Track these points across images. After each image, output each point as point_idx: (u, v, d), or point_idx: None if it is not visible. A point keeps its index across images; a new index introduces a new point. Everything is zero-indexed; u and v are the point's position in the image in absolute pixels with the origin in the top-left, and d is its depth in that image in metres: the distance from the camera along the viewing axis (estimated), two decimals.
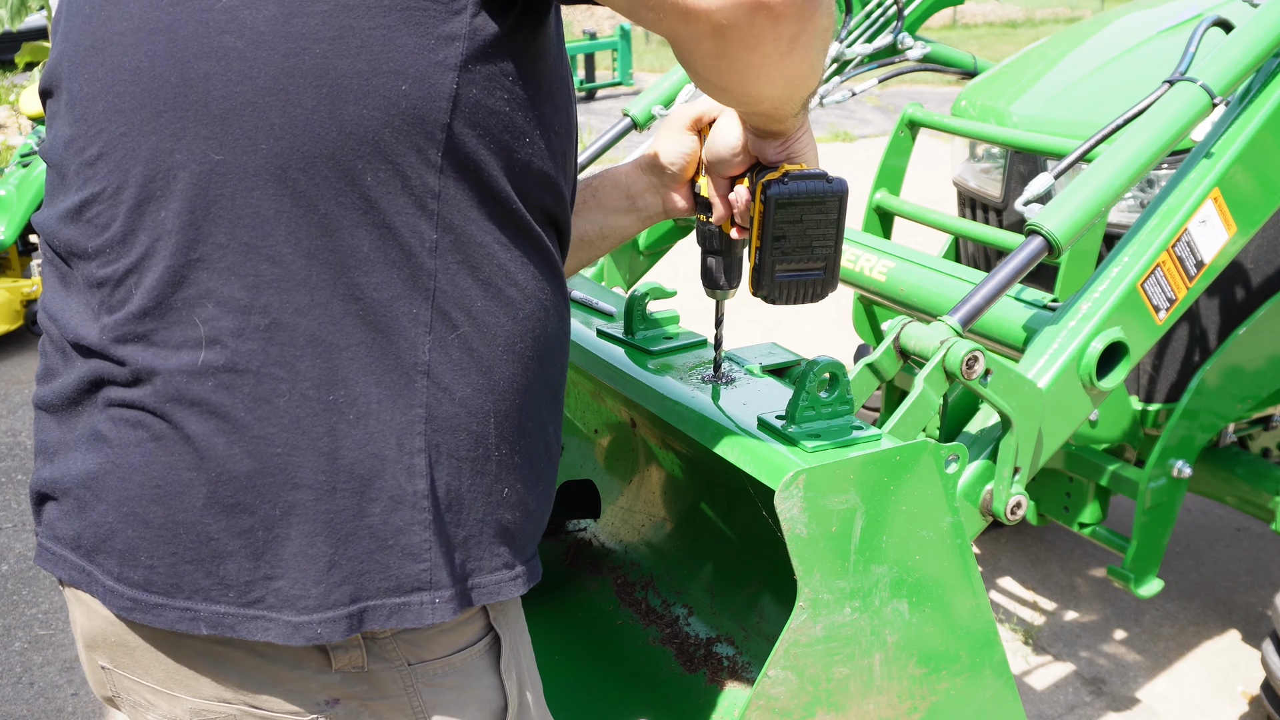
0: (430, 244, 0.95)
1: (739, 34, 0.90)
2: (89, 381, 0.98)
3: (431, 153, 0.94)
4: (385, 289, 0.94)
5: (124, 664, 1.04)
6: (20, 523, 3.66)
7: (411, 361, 0.95)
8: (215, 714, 1.02)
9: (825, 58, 1.03)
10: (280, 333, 0.93)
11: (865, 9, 2.52)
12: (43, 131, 5.42)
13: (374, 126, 0.92)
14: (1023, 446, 1.45)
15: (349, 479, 0.94)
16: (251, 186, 0.92)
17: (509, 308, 1.00)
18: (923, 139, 2.86)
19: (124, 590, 0.96)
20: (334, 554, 0.94)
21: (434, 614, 0.98)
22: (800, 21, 0.92)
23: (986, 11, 19.34)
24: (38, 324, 1.06)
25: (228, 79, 0.91)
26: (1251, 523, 3.56)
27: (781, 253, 1.15)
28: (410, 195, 0.94)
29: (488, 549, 1.02)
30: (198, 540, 0.94)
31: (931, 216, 2.52)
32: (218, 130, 0.92)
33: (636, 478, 1.69)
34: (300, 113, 0.91)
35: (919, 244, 2.55)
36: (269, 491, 0.93)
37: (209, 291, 0.93)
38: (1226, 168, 1.65)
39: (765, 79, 0.98)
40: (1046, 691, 2.84)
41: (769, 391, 1.34)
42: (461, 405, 0.98)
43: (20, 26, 8.41)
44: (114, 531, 0.96)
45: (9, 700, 2.82)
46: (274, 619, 0.95)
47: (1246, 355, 2.36)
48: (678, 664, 1.50)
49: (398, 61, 0.91)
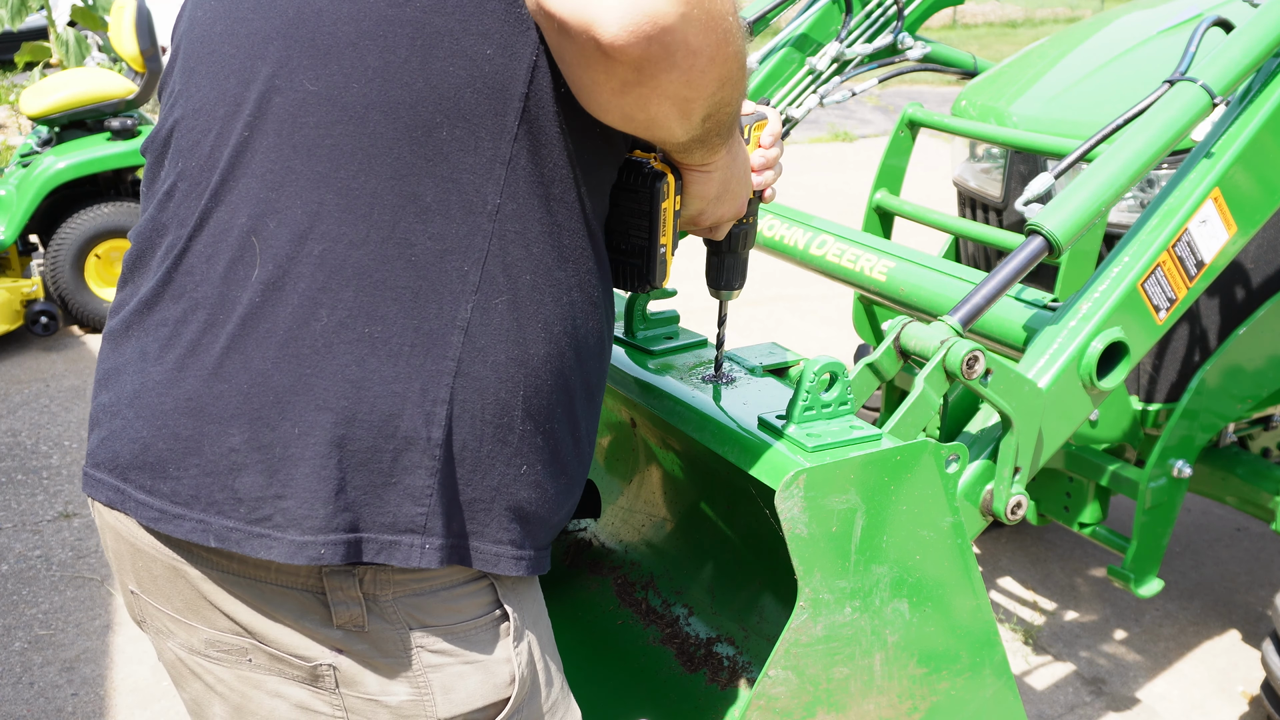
0: (492, 208, 0.99)
1: (571, 43, 0.92)
2: (146, 301, 1.03)
3: (509, 119, 0.98)
4: (440, 240, 0.98)
5: (149, 590, 1.09)
6: (20, 522, 3.67)
7: (452, 315, 0.99)
8: (228, 646, 1.06)
9: (686, 123, 1.01)
10: (331, 260, 0.97)
11: (865, 9, 2.53)
12: (43, 131, 5.43)
13: (457, 84, 0.97)
14: (1023, 446, 1.45)
15: (370, 411, 0.98)
16: (336, 120, 0.97)
17: (555, 290, 1.04)
18: (923, 139, 2.86)
19: (153, 502, 1.01)
20: (343, 479, 0.98)
21: (421, 558, 1.00)
22: (638, 74, 0.92)
23: (986, 11, 19.34)
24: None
25: (336, 18, 0.97)
26: (1251, 523, 3.56)
27: (608, 234, 1.16)
28: (482, 157, 0.98)
29: (496, 519, 1.04)
30: (219, 452, 0.98)
31: (931, 216, 2.52)
32: (318, 63, 0.97)
33: (636, 478, 1.69)
34: (394, 60, 0.96)
35: (919, 244, 2.55)
36: (293, 409, 0.97)
37: (274, 211, 0.98)
38: (1227, 168, 1.65)
39: (595, 105, 0.99)
40: (1046, 691, 2.84)
41: (769, 391, 1.34)
42: (493, 370, 1.01)
43: (20, 26, 8.41)
44: (148, 445, 1.01)
45: (9, 700, 2.82)
46: (278, 538, 0.98)
47: (1246, 355, 2.36)
48: (678, 664, 1.50)
49: (485, 25, 0.96)
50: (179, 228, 1.02)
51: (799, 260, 2.26)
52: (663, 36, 0.89)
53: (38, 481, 3.95)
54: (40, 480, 3.96)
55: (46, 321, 5.11)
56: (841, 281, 2.18)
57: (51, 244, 5.12)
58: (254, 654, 1.05)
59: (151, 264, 1.05)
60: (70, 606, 3.21)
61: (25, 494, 3.85)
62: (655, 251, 1.16)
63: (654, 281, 1.17)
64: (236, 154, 0.99)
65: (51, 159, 5.03)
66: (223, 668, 1.07)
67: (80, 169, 5.02)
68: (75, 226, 5.10)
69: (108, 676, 2.92)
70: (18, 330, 5.15)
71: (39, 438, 4.28)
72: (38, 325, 5.10)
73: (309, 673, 1.04)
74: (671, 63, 0.91)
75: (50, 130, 5.21)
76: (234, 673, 1.07)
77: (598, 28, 0.88)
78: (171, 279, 1.02)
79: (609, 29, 0.88)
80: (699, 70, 0.93)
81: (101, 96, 5.08)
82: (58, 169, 5.00)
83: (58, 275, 5.12)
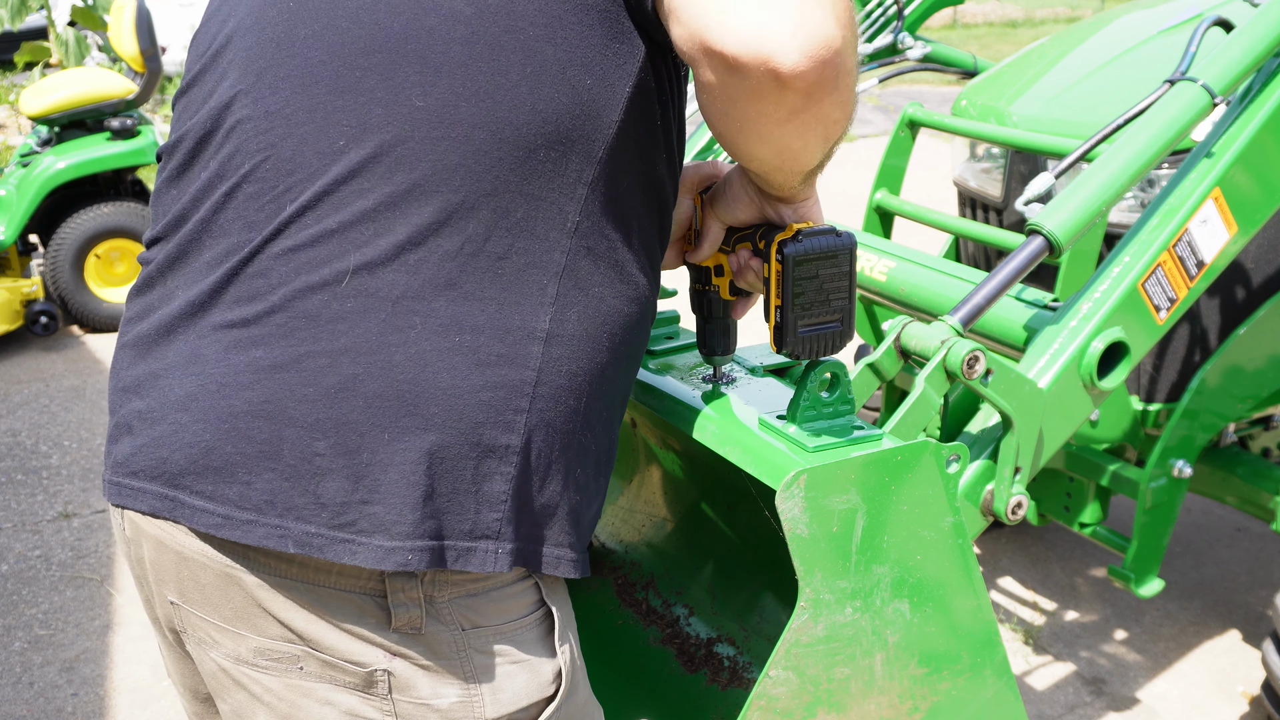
0: (572, 225, 1.04)
1: (746, 81, 0.94)
2: (196, 304, 1.02)
3: (597, 146, 1.03)
4: (525, 255, 1.02)
5: (194, 600, 1.07)
6: (20, 523, 3.66)
7: (533, 327, 1.02)
8: (279, 654, 1.05)
9: (828, 146, 1.05)
10: (427, 270, 0.99)
11: (865, 9, 2.52)
12: (43, 131, 5.42)
13: (559, 111, 1.00)
14: (1023, 446, 1.45)
15: (459, 419, 0.99)
16: (441, 137, 0.99)
17: (618, 301, 1.09)
18: (923, 139, 2.86)
19: (214, 508, 1.00)
20: (431, 486, 0.99)
21: (494, 563, 1.02)
22: (806, 99, 0.94)
23: (986, 11, 19.33)
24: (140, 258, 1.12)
25: (450, 38, 0.99)
26: (1251, 523, 3.56)
27: (802, 309, 1.17)
28: (568, 178, 1.02)
29: (558, 522, 1.07)
30: (301, 457, 0.98)
31: (931, 216, 2.51)
32: (428, 79, 0.99)
33: (636, 478, 1.69)
34: (505, 83, 0.99)
35: (919, 244, 2.55)
36: (385, 416, 0.98)
37: (371, 220, 0.99)
38: (1227, 167, 1.65)
39: (756, 138, 1.02)
40: (1046, 691, 2.84)
41: (770, 391, 1.34)
42: (568, 379, 1.04)
43: (20, 26, 8.41)
44: (211, 448, 0.99)
45: (9, 700, 2.82)
46: (363, 543, 0.98)
47: (1247, 355, 2.36)
48: (678, 664, 1.50)
49: (589, 57, 1.01)
50: (246, 230, 1.01)
51: None
52: (834, 60, 0.92)
53: (38, 481, 3.95)
54: (40, 480, 3.96)
55: (46, 321, 5.11)
56: None
57: (51, 244, 5.12)
58: (306, 661, 1.04)
59: (198, 265, 1.04)
60: (70, 606, 3.21)
61: (25, 494, 3.85)
62: (854, 306, 1.20)
63: (852, 336, 1.20)
64: (327, 162, 1.00)
65: (51, 159, 5.03)
66: (271, 676, 1.06)
67: (80, 169, 5.02)
68: (75, 226, 5.10)
69: (108, 676, 2.92)
70: (18, 330, 5.15)
71: (39, 438, 4.28)
72: (38, 325, 5.10)
73: (363, 679, 1.04)
74: (835, 85, 0.94)
75: (50, 130, 5.21)
76: (283, 681, 1.05)
77: (778, 58, 0.90)
78: (235, 281, 1.01)
79: (789, 57, 0.90)
80: (848, 89, 0.97)
81: (101, 96, 5.08)
82: (58, 169, 5.00)
83: (58, 275, 5.12)
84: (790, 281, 1.15)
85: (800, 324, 1.17)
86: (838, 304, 1.18)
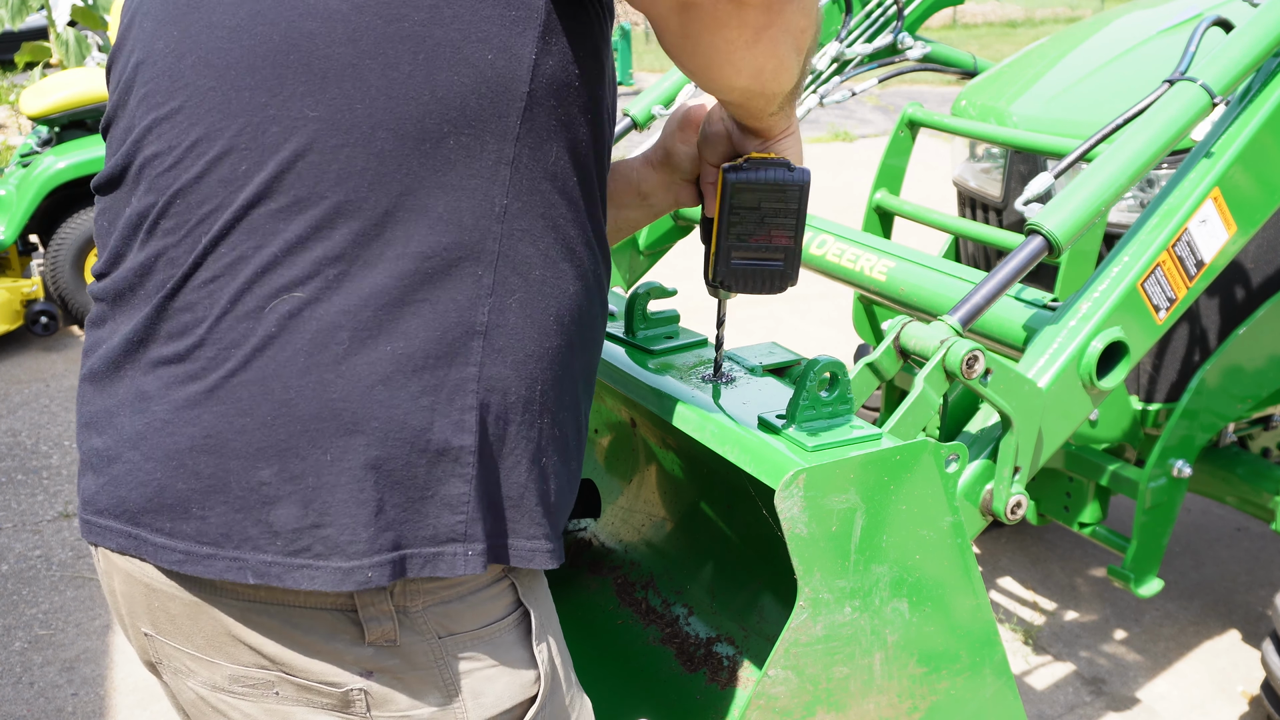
0: (500, 210, 1.00)
1: (702, 14, 0.93)
2: (134, 341, 1.01)
3: (511, 120, 0.99)
4: (453, 249, 0.98)
5: (166, 630, 1.06)
6: (20, 523, 3.66)
7: (470, 321, 0.99)
8: (254, 680, 1.04)
9: (800, 58, 1.03)
10: (348, 283, 0.96)
11: (865, 9, 2.52)
12: (43, 131, 5.42)
13: (462, 93, 0.97)
14: (1023, 446, 1.45)
15: (401, 428, 0.97)
16: (341, 144, 0.96)
17: (561, 281, 1.04)
18: (923, 139, 2.86)
19: (175, 544, 0.98)
20: (381, 499, 0.97)
21: (465, 565, 1.00)
22: (767, 13, 0.94)
23: (986, 11, 19.33)
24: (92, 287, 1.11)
25: (331, 40, 0.96)
26: (1251, 523, 3.56)
27: (738, 238, 1.13)
28: (487, 161, 0.98)
29: (528, 514, 1.04)
30: (248, 487, 0.96)
31: (931, 216, 2.52)
32: (316, 88, 0.96)
33: (636, 478, 1.69)
34: (397, 77, 0.95)
35: (919, 244, 2.55)
36: (322, 437, 0.96)
37: (284, 241, 0.96)
38: (1226, 167, 1.65)
39: (730, 67, 1.00)
40: (1046, 691, 2.84)
41: (769, 391, 1.34)
42: (514, 369, 1.01)
43: (20, 26, 8.41)
44: (164, 487, 0.98)
45: (9, 700, 2.82)
46: (320, 566, 0.97)
47: (1246, 355, 2.36)
48: (678, 664, 1.50)
49: (485, 31, 0.96)
50: (170, 266, 0.99)
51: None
52: None
53: (38, 481, 3.95)
54: (40, 480, 3.96)
55: (46, 321, 5.11)
56: (841, 281, 2.18)
57: (51, 244, 5.12)
58: (281, 686, 1.03)
59: (134, 301, 1.02)
60: (70, 606, 3.21)
61: (25, 494, 3.85)
62: (800, 247, 1.14)
63: (795, 280, 1.15)
64: (233, 188, 0.97)
65: (51, 159, 5.03)
66: (248, 702, 1.05)
67: (80, 169, 5.02)
68: (75, 226, 5.10)
69: (108, 676, 2.92)
70: (18, 330, 5.15)
71: (39, 438, 4.28)
72: (38, 325, 5.10)
73: (339, 699, 1.03)
74: None
75: (50, 130, 5.21)
76: (261, 706, 1.05)
77: None
78: (164, 316, 0.99)
79: None
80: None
81: (101, 96, 5.07)
82: (58, 169, 5.00)
83: (58, 275, 5.12)
84: (727, 208, 1.12)
85: (734, 254, 1.13)
86: (781, 242, 1.13)
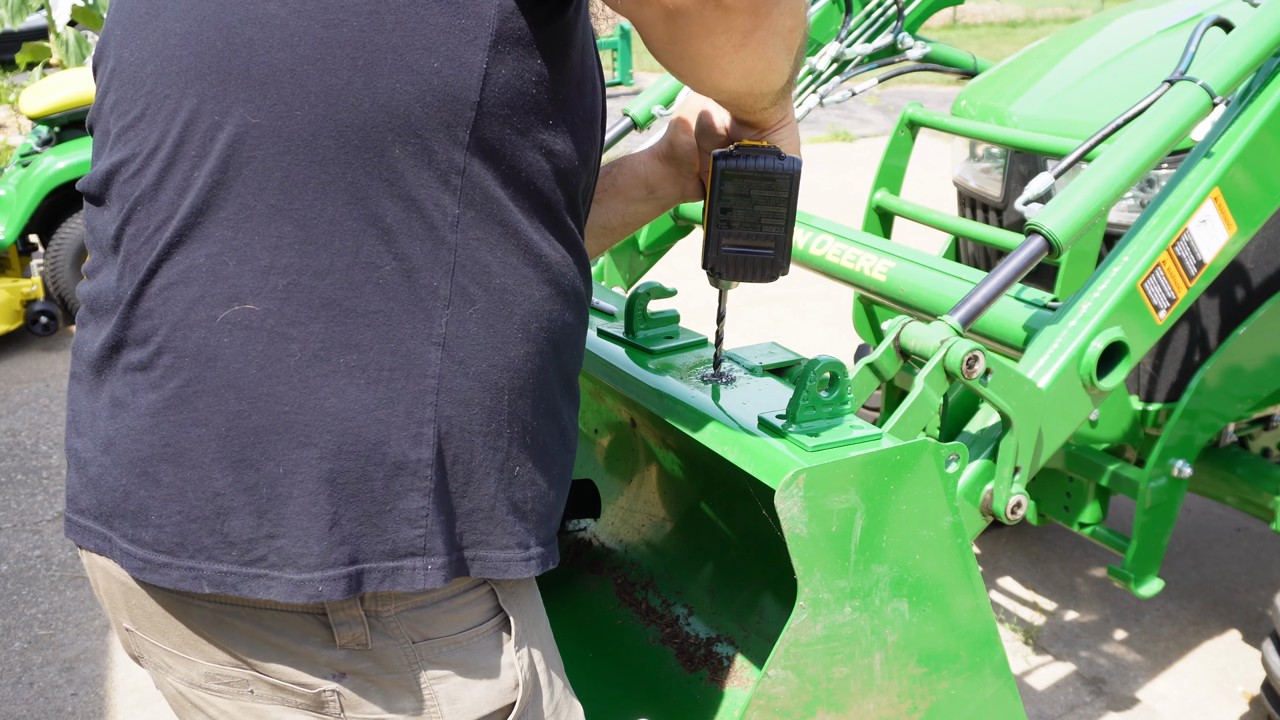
0: (452, 219, 0.98)
1: (689, 21, 0.93)
2: (109, 346, 1.01)
3: (460, 130, 0.96)
4: (406, 260, 0.96)
5: (144, 627, 1.07)
6: (20, 523, 3.66)
7: (427, 333, 0.97)
8: (229, 678, 1.04)
9: (791, 57, 1.03)
10: (298, 293, 0.95)
11: (865, 9, 2.52)
12: (43, 131, 5.42)
13: (406, 101, 0.94)
14: (1023, 446, 1.45)
15: (355, 441, 0.96)
16: (283, 151, 0.95)
17: (526, 288, 1.02)
18: (923, 139, 2.86)
19: (136, 551, 0.99)
20: (336, 513, 0.96)
21: (425, 579, 0.99)
22: (753, 17, 0.94)
23: (986, 11, 19.33)
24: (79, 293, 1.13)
25: (269, 45, 0.95)
26: (1251, 523, 3.56)
27: (728, 225, 1.13)
28: (436, 170, 0.96)
29: (499, 525, 1.03)
30: (204, 497, 0.96)
31: (931, 216, 2.52)
32: (256, 94, 0.95)
33: (636, 478, 1.69)
34: (336, 83, 0.94)
35: (919, 244, 2.55)
36: (275, 449, 0.95)
37: (232, 250, 0.95)
38: (1226, 167, 1.65)
39: (718, 70, 0.99)
40: (1046, 691, 2.84)
41: (769, 391, 1.34)
42: (476, 380, 1.00)
43: (20, 26, 8.41)
44: (128, 493, 0.99)
45: (9, 700, 2.82)
46: (275, 577, 0.97)
47: (1246, 355, 2.36)
48: (678, 664, 1.50)
49: (430, 39, 0.94)
50: (132, 274, 0.99)
51: (799, 260, 2.26)
52: None
53: (38, 481, 3.95)
54: (40, 480, 3.96)
55: (46, 321, 5.11)
56: (841, 281, 2.18)
57: (51, 244, 5.12)
58: (255, 685, 1.04)
59: (108, 305, 1.03)
60: (70, 606, 3.21)
61: (25, 494, 3.85)
62: (790, 236, 1.14)
63: (786, 269, 1.15)
64: (183, 196, 0.97)
65: (51, 159, 5.03)
66: (224, 700, 1.06)
67: (80, 169, 5.02)
68: (75, 226, 5.09)
69: (108, 676, 2.92)
70: (18, 330, 5.15)
71: (39, 438, 4.28)
72: (38, 325, 5.10)
73: (312, 700, 1.03)
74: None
75: (50, 130, 5.21)
76: (237, 704, 1.05)
77: None
78: (130, 322, 0.99)
79: None
80: None
81: None
82: (58, 169, 5.00)
83: (58, 275, 5.12)
84: (716, 194, 1.12)
85: (725, 241, 1.13)
86: (771, 230, 1.13)
